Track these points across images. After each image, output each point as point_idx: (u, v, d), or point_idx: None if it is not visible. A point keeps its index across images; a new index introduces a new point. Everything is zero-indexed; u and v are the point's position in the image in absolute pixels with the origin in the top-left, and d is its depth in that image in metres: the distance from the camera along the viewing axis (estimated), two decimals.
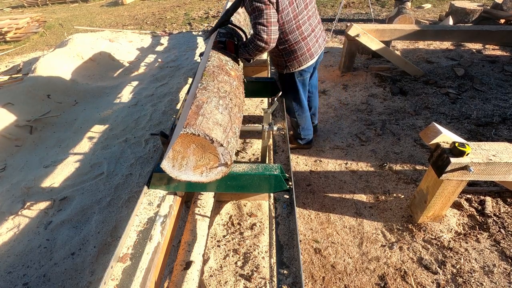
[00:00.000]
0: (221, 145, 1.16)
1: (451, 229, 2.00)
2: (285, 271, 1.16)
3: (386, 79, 3.87)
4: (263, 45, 1.80)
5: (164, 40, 6.60)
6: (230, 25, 2.11)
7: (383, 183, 2.42)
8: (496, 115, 3.05)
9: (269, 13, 1.76)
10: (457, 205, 2.16)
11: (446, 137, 1.72)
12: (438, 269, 1.78)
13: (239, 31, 2.16)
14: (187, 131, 1.13)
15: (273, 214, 1.41)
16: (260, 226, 2.11)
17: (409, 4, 5.14)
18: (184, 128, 1.14)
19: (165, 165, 1.25)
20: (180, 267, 1.45)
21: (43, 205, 2.53)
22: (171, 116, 3.65)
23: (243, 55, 1.90)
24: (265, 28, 1.78)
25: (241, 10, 2.54)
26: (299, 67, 2.14)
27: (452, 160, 1.62)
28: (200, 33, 6.89)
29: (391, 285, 1.73)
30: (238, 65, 1.88)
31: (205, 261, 1.89)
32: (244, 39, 2.18)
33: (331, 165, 2.65)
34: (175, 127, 1.52)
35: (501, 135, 2.79)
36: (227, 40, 1.87)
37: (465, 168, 1.62)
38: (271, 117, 1.85)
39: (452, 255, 1.85)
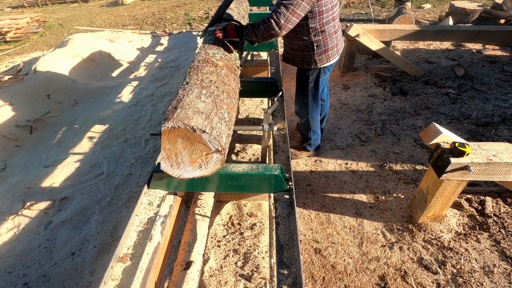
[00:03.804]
0: (204, 131, 1.15)
1: (451, 229, 2.00)
2: (285, 271, 1.16)
3: (386, 79, 3.87)
4: (277, 29, 1.66)
5: (164, 40, 6.60)
6: (223, 21, 2.04)
7: (383, 183, 2.42)
8: (496, 115, 3.05)
9: (300, 3, 1.64)
10: (457, 205, 2.16)
11: (446, 137, 1.72)
12: (438, 269, 1.78)
13: (235, 23, 2.12)
14: (167, 126, 1.14)
15: (273, 214, 1.41)
16: (260, 226, 2.11)
17: (409, 4, 5.14)
18: (163, 123, 1.14)
19: (164, 166, 1.25)
20: (180, 267, 1.45)
21: (43, 205, 2.52)
22: None
23: (250, 36, 1.74)
24: (287, 14, 1.63)
25: (233, 5, 2.46)
26: (327, 62, 2.08)
27: (452, 160, 1.62)
28: (200, 33, 6.89)
29: (391, 285, 1.73)
30: (230, 53, 1.84)
31: (205, 261, 1.89)
32: None
33: (331, 165, 2.65)
34: None
35: (501, 135, 2.79)
36: (227, 25, 1.77)
37: (465, 168, 1.62)
38: (271, 117, 1.85)
39: (452, 255, 1.85)
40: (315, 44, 1.98)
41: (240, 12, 2.59)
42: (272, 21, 1.65)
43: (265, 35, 1.71)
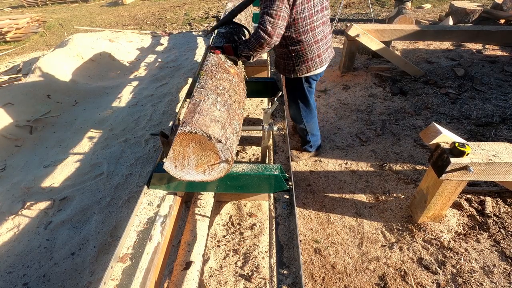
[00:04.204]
0: (219, 141, 1.16)
1: (451, 229, 2.00)
2: (285, 271, 1.16)
3: (386, 79, 3.87)
4: (266, 37, 1.67)
5: (164, 40, 6.60)
6: (232, 24, 2.09)
7: (383, 183, 2.42)
8: (496, 115, 3.05)
9: (280, 6, 1.65)
10: (457, 205, 2.16)
11: (446, 137, 1.72)
12: (438, 269, 1.79)
13: (243, 29, 2.13)
14: (184, 130, 1.14)
15: (273, 214, 1.41)
16: (260, 226, 2.11)
17: (409, 4, 5.14)
18: (180, 126, 1.14)
19: (168, 166, 1.25)
20: (180, 267, 1.45)
21: (43, 205, 2.52)
22: (171, 116, 3.65)
23: (244, 51, 1.77)
24: (272, 19, 1.65)
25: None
26: (307, 72, 2.04)
27: (452, 160, 1.62)
28: (200, 33, 6.90)
29: (391, 285, 1.73)
30: (237, 64, 1.88)
31: (205, 261, 1.89)
32: (248, 37, 2.11)
33: (331, 165, 2.65)
34: (175, 128, 1.52)
35: (501, 135, 2.79)
36: (224, 45, 1.80)
37: (465, 168, 1.62)
38: (271, 117, 1.85)
39: (452, 255, 1.85)
40: (293, 53, 1.96)
41: (247, 17, 2.62)
42: (260, 30, 1.67)
43: (257, 47, 1.72)
